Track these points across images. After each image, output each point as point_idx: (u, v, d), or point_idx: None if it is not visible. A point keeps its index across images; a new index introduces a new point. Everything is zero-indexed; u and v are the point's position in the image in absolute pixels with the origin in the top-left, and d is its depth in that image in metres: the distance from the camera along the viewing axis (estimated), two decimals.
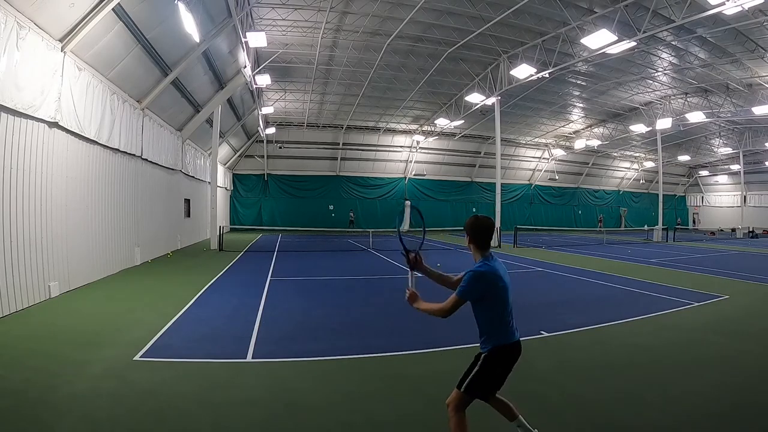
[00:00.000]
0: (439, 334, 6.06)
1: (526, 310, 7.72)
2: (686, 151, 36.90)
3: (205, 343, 5.41)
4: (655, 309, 7.59)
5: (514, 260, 15.33)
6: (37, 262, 7.24)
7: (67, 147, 8.41)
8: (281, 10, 15.76)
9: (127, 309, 7.13)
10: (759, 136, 31.12)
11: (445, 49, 19.17)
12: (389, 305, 8.04)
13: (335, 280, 10.88)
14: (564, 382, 4.39)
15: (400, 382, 4.34)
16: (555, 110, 28.96)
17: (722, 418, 3.56)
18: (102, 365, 4.54)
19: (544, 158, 38.24)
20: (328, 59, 20.70)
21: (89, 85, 9.04)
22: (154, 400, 3.76)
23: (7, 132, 6.56)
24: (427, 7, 15.55)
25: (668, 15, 14.39)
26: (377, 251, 17.73)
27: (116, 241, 10.95)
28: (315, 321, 6.73)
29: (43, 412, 3.50)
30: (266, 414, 3.60)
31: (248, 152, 31.73)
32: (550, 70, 18.28)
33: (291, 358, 4.95)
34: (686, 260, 16.02)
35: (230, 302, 7.83)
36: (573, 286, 10.45)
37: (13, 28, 6.35)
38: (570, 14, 15.37)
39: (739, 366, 4.88)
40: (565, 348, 5.53)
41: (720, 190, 44.49)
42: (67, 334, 5.69)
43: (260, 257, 15.24)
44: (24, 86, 6.72)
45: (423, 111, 29.10)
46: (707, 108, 25.73)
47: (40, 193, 7.42)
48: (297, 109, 28.15)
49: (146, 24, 10.03)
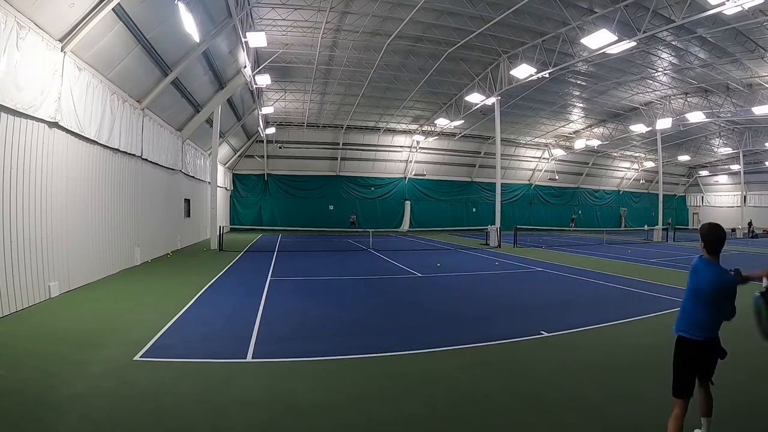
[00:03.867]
0: (439, 334, 6.07)
1: (526, 310, 7.74)
2: (686, 151, 36.89)
3: (205, 343, 5.41)
4: (655, 309, 7.58)
5: (514, 260, 15.33)
6: (37, 262, 7.24)
7: (67, 147, 8.41)
8: (281, 10, 15.76)
9: (127, 309, 7.13)
10: (759, 136, 31.11)
11: (445, 49, 19.17)
12: (389, 305, 8.05)
13: (335, 280, 10.88)
14: (564, 382, 4.39)
15: (400, 382, 4.34)
16: (555, 110, 28.96)
17: (722, 419, 3.56)
18: (102, 365, 4.54)
19: (544, 158, 38.24)
20: (328, 59, 20.70)
21: (89, 85, 9.04)
22: (154, 400, 3.76)
23: (7, 132, 6.55)
24: (427, 7, 15.54)
25: (668, 15, 14.39)
26: (377, 251, 17.72)
27: (116, 241, 10.94)
28: (315, 321, 6.74)
29: (43, 412, 3.50)
30: (266, 414, 3.60)
31: (248, 152, 31.73)
32: (550, 70, 18.27)
33: (291, 358, 4.95)
34: (686, 260, 16.00)
35: (230, 302, 7.83)
36: (573, 286, 10.45)
37: (13, 28, 6.35)
38: (570, 14, 15.37)
39: (739, 366, 4.88)
40: (565, 348, 5.53)
41: (720, 190, 44.48)
42: (67, 334, 5.68)
43: (260, 257, 15.24)
44: (24, 86, 6.72)
45: (423, 111, 29.10)
46: (707, 108, 25.73)
47: (40, 193, 7.42)
48: (297, 109, 28.15)
49: (146, 24, 10.03)
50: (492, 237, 21.54)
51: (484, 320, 6.99)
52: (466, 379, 4.44)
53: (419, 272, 12.06)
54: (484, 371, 4.69)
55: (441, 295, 9.21)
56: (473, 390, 4.16)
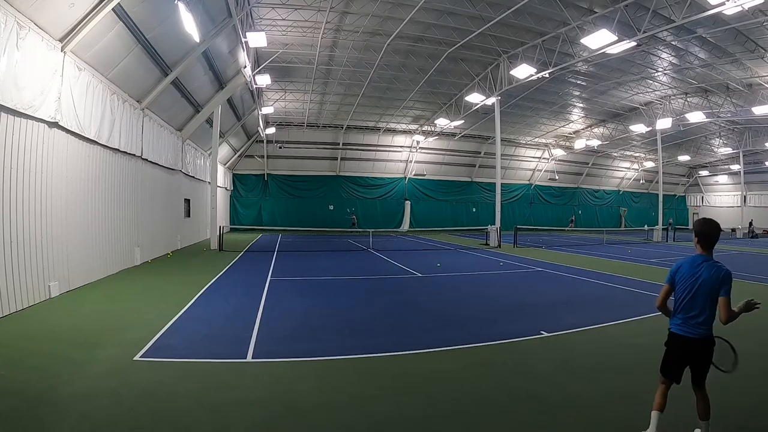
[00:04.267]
0: (439, 334, 6.06)
1: (526, 310, 7.73)
2: (686, 151, 36.90)
3: (205, 343, 5.41)
4: (655, 309, 7.53)
5: (514, 260, 15.33)
6: (37, 262, 7.24)
7: (67, 147, 8.41)
8: (281, 10, 15.76)
9: (127, 309, 7.13)
10: (759, 136, 31.12)
11: (445, 49, 19.17)
12: (389, 305, 8.05)
13: (335, 280, 10.87)
14: (564, 382, 4.39)
15: (401, 382, 4.34)
16: (555, 110, 28.97)
17: (722, 418, 3.56)
18: (102, 365, 4.54)
19: (544, 158, 38.24)
20: (328, 59, 20.70)
21: (89, 85, 9.04)
22: (154, 400, 3.76)
23: (7, 132, 6.56)
24: (427, 7, 15.55)
25: (668, 15, 14.39)
26: (377, 251, 17.72)
27: (116, 241, 10.94)
28: (315, 321, 6.73)
29: (43, 412, 3.50)
30: (266, 414, 3.60)
31: (248, 152, 31.74)
32: (550, 70, 18.27)
33: (291, 358, 4.95)
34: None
35: (230, 302, 7.83)
36: (573, 286, 10.45)
37: (13, 28, 6.35)
38: (570, 14, 15.37)
39: (739, 366, 4.87)
40: (565, 348, 5.53)
41: (720, 190, 44.49)
42: (67, 334, 5.69)
43: (260, 257, 15.24)
44: (24, 86, 6.72)
45: (423, 111, 29.11)
46: (707, 108, 25.73)
47: (40, 193, 7.42)
48: (297, 109, 28.15)
49: (146, 24, 10.03)
50: (492, 237, 21.54)
51: (484, 320, 6.98)
52: (466, 379, 4.45)
53: (419, 272, 12.06)
54: (484, 371, 4.69)
55: (441, 295, 9.21)
56: (473, 390, 4.16)
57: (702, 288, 3.01)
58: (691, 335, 3.07)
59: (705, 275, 3.02)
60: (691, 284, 3.05)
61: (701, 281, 3.02)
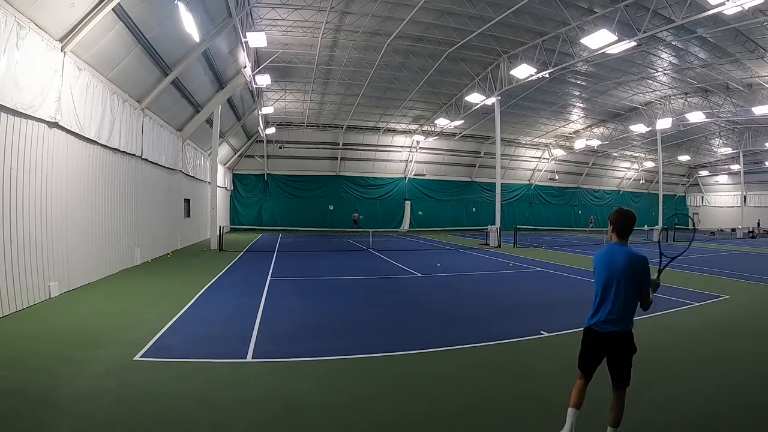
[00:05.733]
0: (439, 334, 6.07)
1: (526, 310, 7.74)
2: (686, 151, 36.90)
3: (205, 343, 5.41)
4: (654, 309, 7.54)
5: (514, 260, 15.32)
6: (37, 262, 7.24)
7: (67, 147, 8.41)
8: (281, 10, 15.76)
9: (127, 309, 7.13)
10: (759, 136, 31.12)
11: (445, 49, 19.17)
12: (389, 305, 8.05)
13: (335, 280, 10.87)
14: (564, 382, 4.37)
15: (401, 382, 4.34)
16: (555, 110, 28.96)
17: (722, 418, 3.56)
18: (102, 365, 4.54)
19: (544, 158, 38.25)
20: (328, 59, 20.69)
21: (89, 85, 9.04)
22: (153, 400, 3.76)
23: (7, 132, 6.55)
24: (427, 7, 15.54)
25: (668, 15, 14.39)
26: (377, 251, 17.72)
27: (116, 241, 10.94)
28: (315, 321, 6.73)
29: (43, 412, 3.50)
30: (266, 414, 3.60)
31: (248, 152, 31.73)
32: (550, 70, 18.27)
33: (291, 358, 4.95)
34: (686, 260, 16.00)
35: (230, 302, 7.83)
36: (573, 286, 10.45)
37: (13, 28, 6.35)
38: (570, 14, 15.37)
39: (739, 366, 4.88)
40: (565, 348, 5.52)
41: (720, 190, 44.49)
42: (67, 334, 5.68)
43: (260, 257, 15.24)
44: (24, 86, 6.72)
45: (423, 111, 29.10)
46: (707, 108, 25.73)
47: (40, 193, 7.42)
48: (297, 109, 28.15)
49: (146, 24, 10.03)
50: (492, 237, 21.54)
51: (484, 320, 6.98)
52: (466, 379, 4.45)
53: (419, 272, 12.06)
54: (484, 371, 4.69)
55: (441, 295, 9.21)
56: (473, 390, 4.16)
57: (619, 277, 3.00)
58: (607, 331, 3.06)
59: (622, 264, 3.01)
60: (608, 275, 3.04)
61: (619, 270, 3.00)
